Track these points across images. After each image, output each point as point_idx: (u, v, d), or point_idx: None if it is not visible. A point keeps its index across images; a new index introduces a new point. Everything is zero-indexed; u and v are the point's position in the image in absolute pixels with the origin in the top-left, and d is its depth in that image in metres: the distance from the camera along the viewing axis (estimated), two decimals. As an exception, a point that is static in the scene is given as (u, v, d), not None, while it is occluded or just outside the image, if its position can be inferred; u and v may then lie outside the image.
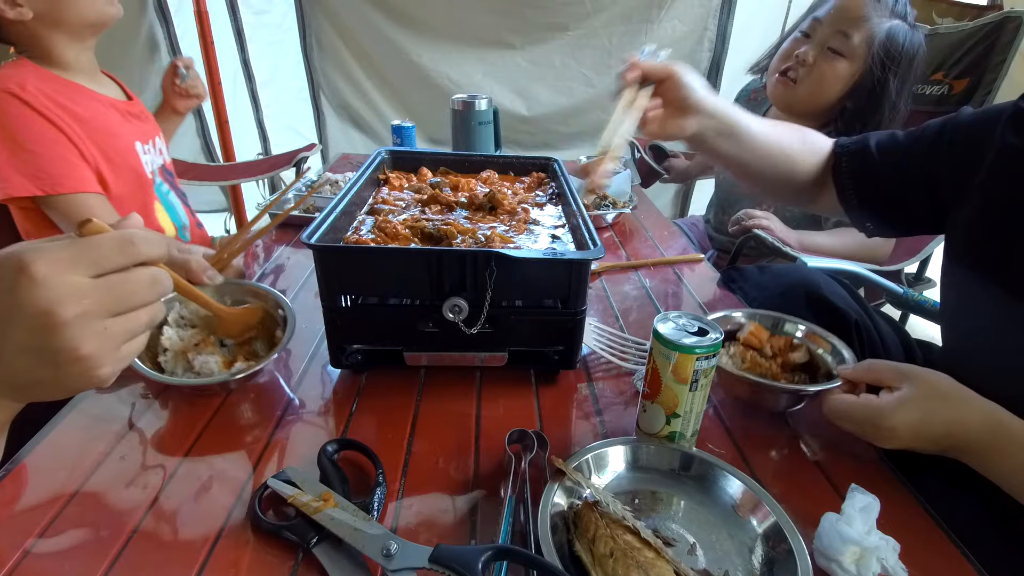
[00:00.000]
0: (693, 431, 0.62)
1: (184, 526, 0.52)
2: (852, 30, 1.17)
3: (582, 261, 0.68)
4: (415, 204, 0.92)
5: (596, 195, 0.71)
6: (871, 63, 1.17)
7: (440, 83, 2.53)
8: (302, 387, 0.73)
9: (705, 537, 0.53)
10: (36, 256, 0.36)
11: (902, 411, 0.57)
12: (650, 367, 0.60)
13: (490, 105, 1.54)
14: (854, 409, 0.60)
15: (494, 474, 0.60)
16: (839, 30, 1.18)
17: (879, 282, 1.14)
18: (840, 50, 1.19)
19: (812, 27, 1.23)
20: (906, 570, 0.49)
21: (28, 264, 0.36)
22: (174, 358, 0.70)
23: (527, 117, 2.61)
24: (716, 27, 2.46)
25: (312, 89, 2.65)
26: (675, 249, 1.23)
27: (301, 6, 2.48)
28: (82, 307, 0.37)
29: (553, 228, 0.86)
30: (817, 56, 1.21)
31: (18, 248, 0.37)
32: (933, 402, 0.57)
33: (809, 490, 0.61)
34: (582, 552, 0.49)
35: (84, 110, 1.06)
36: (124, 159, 1.12)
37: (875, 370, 0.62)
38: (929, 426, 0.57)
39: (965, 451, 0.57)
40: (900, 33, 1.16)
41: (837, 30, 1.18)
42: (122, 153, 1.11)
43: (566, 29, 2.47)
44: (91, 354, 0.38)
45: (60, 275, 0.36)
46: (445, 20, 2.46)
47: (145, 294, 0.41)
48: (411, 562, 0.46)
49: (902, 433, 0.57)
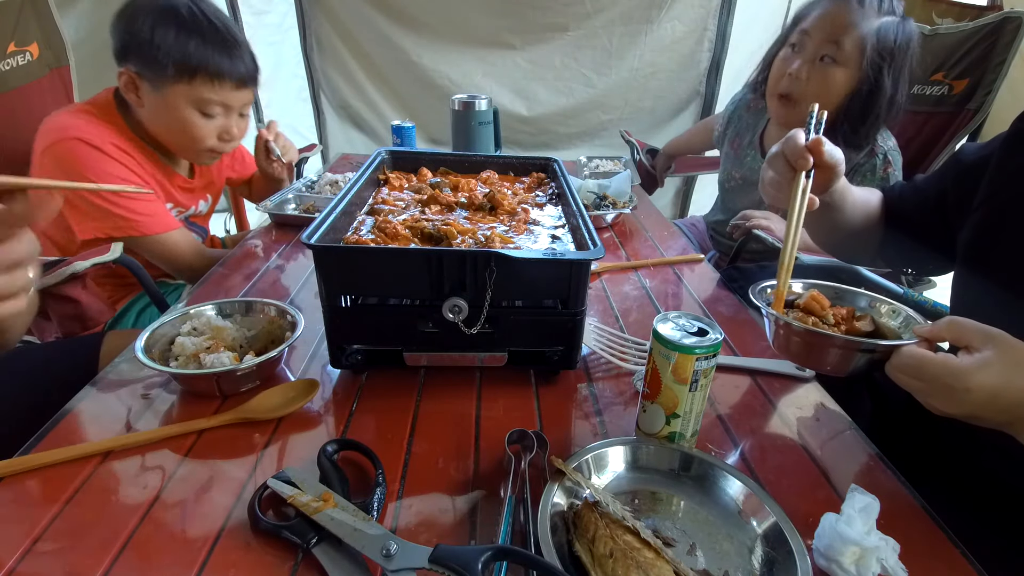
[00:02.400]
0: (693, 431, 0.62)
1: (184, 526, 0.52)
2: (843, 37, 1.15)
3: (582, 261, 0.68)
4: (415, 204, 0.92)
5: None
6: (867, 66, 1.15)
7: (440, 83, 2.53)
8: (302, 387, 0.73)
9: (705, 537, 0.53)
10: None
11: (982, 374, 0.52)
12: (650, 367, 0.60)
13: (490, 105, 1.55)
14: (930, 365, 0.55)
15: (494, 474, 0.60)
16: (829, 39, 1.16)
17: (879, 282, 1.14)
18: (834, 58, 1.17)
19: (800, 40, 1.21)
20: (906, 570, 0.48)
21: None
22: (185, 361, 0.70)
23: (527, 117, 2.61)
24: (716, 27, 2.46)
25: (312, 89, 2.66)
26: (675, 249, 1.23)
27: (301, 6, 2.48)
28: None
29: (553, 228, 0.86)
30: (811, 70, 1.19)
31: None
32: (1016, 369, 0.53)
33: (809, 490, 0.60)
34: (582, 552, 0.49)
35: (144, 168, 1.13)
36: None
37: (957, 328, 0.57)
38: (1005, 393, 0.53)
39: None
40: (890, 30, 1.15)
41: (827, 39, 1.16)
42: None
43: (566, 29, 2.47)
44: None
45: None
46: (445, 20, 2.47)
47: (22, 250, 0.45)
48: (411, 562, 0.46)
49: (976, 397, 0.53)
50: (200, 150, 1.14)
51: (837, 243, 0.97)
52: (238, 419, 0.65)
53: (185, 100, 1.07)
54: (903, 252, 0.91)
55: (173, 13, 1.02)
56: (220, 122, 1.12)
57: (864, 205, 0.88)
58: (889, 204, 0.90)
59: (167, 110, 1.08)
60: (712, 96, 2.57)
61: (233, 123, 1.14)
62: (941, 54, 1.49)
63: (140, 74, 1.05)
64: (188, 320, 0.76)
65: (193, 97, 1.06)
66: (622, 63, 2.51)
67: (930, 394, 0.56)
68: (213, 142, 1.13)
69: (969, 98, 1.45)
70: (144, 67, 1.04)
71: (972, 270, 0.76)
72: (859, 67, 1.16)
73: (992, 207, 0.74)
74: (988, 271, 0.73)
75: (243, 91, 1.12)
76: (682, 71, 2.54)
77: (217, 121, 1.11)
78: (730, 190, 1.53)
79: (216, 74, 1.05)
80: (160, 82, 1.05)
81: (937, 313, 0.92)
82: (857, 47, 1.15)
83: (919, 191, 0.88)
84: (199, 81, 1.05)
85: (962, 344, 0.56)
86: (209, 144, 1.13)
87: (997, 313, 0.57)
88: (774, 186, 0.75)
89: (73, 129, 1.03)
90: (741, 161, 1.47)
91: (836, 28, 1.15)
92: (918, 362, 0.56)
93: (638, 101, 2.59)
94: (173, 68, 1.03)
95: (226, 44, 1.06)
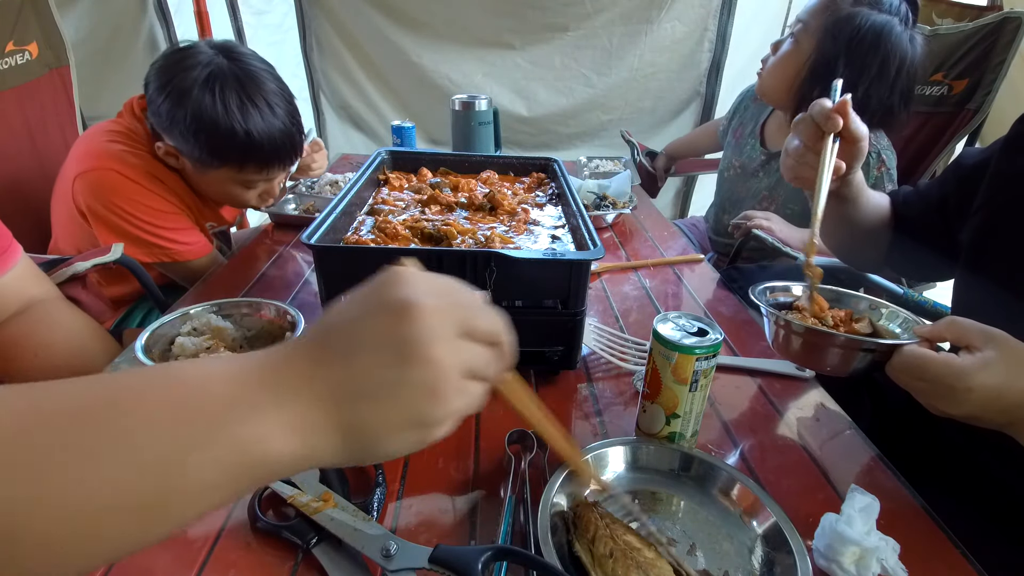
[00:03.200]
0: (693, 431, 0.62)
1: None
2: (814, 16, 1.16)
3: (582, 261, 0.68)
4: (415, 204, 0.92)
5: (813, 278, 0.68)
6: (823, 43, 1.14)
7: (440, 83, 2.53)
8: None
9: (705, 537, 0.53)
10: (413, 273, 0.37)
11: (984, 373, 0.52)
12: (650, 367, 0.60)
13: (490, 105, 1.54)
14: (931, 364, 0.54)
15: (494, 474, 0.60)
16: (802, 19, 1.19)
17: (879, 282, 1.14)
18: (797, 36, 1.18)
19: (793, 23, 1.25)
20: (906, 570, 0.48)
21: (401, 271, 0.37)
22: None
23: (527, 117, 2.61)
24: (716, 27, 2.46)
25: (312, 89, 2.65)
26: (675, 249, 1.23)
27: (301, 6, 2.48)
28: (439, 311, 0.35)
29: (553, 228, 0.86)
30: (779, 44, 1.22)
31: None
32: (1017, 370, 0.53)
33: (809, 490, 0.60)
34: (582, 552, 0.48)
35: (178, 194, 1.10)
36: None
37: (958, 327, 0.56)
38: (1006, 394, 0.53)
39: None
40: (863, 18, 1.12)
41: (801, 19, 1.19)
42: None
43: (566, 29, 2.46)
44: (439, 360, 0.34)
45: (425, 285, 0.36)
46: (445, 21, 2.46)
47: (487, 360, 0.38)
48: (411, 562, 0.46)
49: (978, 396, 0.52)
50: (242, 208, 1.16)
51: (848, 245, 0.96)
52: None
53: (231, 181, 1.05)
54: (908, 257, 0.92)
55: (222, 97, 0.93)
56: (263, 187, 1.11)
57: (876, 207, 0.88)
58: (894, 209, 0.91)
59: (209, 182, 1.07)
60: (712, 96, 2.57)
61: (275, 185, 1.12)
62: (941, 54, 1.49)
63: (181, 151, 1.01)
64: (188, 320, 0.76)
65: (240, 180, 1.05)
66: (622, 63, 2.51)
67: (931, 394, 0.55)
68: (255, 202, 1.13)
69: (969, 98, 1.46)
70: (187, 150, 1.00)
71: (973, 272, 0.76)
72: (814, 43, 1.15)
73: (992, 209, 0.74)
74: (988, 273, 0.73)
75: (288, 167, 1.10)
76: (682, 71, 2.54)
77: (260, 188, 1.10)
78: (728, 179, 1.54)
79: (265, 164, 1.03)
80: (205, 167, 1.02)
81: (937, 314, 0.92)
82: (821, 26, 1.14)
83: (922, 196, 0.88)
84: (247, 169, 1.03)
85: (963, 344, 0.55)
86: (250, 205, 1.14)
87: (997, 314, 0.57)
88: (796, 155, 0.74)
89: (108, 159, 1.01)
90: (741, 149, 1.48)
91: (812, 10, 1.17)
92: (920, 362, 0.55)
93: (638, 101, 2.59)
94: (218, 161, 1.00)
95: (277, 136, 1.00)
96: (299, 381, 0.33)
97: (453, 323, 0.35)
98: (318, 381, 0.33)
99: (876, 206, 0.88)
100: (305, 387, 0.33)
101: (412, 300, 0.34)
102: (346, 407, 0.33)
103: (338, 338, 0.35)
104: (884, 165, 1.22)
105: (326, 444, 0.33)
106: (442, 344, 0.34)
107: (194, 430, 0.30)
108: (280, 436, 0.31)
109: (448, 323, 0.35)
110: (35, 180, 1.23)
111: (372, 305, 0.35)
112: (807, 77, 1.17)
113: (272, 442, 0.31)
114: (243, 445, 0.31)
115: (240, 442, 0.30)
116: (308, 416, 0.32)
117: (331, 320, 0.36)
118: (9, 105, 1.24)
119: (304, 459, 0.33)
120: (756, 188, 1.42)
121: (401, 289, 0.35)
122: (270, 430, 0.31)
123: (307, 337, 0.36)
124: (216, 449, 0.30)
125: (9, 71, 1.24)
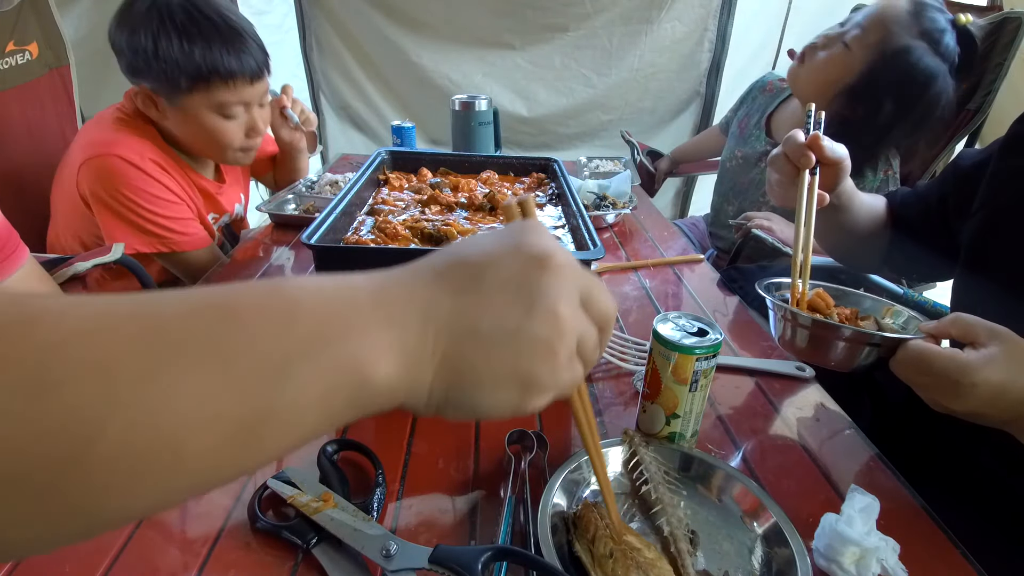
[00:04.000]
0: (693, 431, 0.62)
1: (183, 526, 0.52)
2: (872, 30, 1.15)
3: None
4: (415, 204, 0.92)
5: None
6: (874, 65, 1.14)
7: (440, 83, 2.53)
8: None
9: (705, 537, 0.53)
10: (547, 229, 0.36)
11: (988, 369, 0.52)
12: (650, 367, 0.60)
13: (490, 105, 1.55)
14: (936, 359, 0.54)
15: (494, 474, 0.60)
16: (862, 26, 1.16)
17: (879, 282, 1.14)
18: (850, 44, 1.17)
19: (848, 18, 1.22)
20: (906, 570, 0.48)
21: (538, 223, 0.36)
22: None
23: (527, 117, 2.61)
24: (716, 28, 2.46)
25: (312, 90, 2.65)
26: (675, 249, 1.23)
27: (301, 7, 2.48)
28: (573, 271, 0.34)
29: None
30: (830, 42, 1.19)
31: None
32: (1021, 366, 0.53)
33: (809, 490, 0.60)
34: (582, 553, 0.48)
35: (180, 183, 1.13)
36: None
37: (963, 323, 0.57)
38: (1010, 390, 0.53)
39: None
40: (920, 56, 1.11)
41: (860, 26, 1.17)
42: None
43: (566, 29, 2.47)
44: (564, 319, 0.32)
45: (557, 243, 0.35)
46: (445, 21, 2.46)
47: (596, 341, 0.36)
48: (411, 563, 0.46)
49: (981, 392, 0.52)
50: (231, 152, 1.14)
51: (844, 248, 0.97)
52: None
53: (205, 107, 1.06)
54: (908, 258, 0.92)
55: (171, 20, 0.99)
56: (243, 120, 1.12)
57: (871, 210, 0.88)
58: (892, 211, 0.91)
59: (189, 121, 1.08)
60: (712, 96, 2.57)
61: (256, 116, 1.14)
62: None
63: (155, 90, 1.04)
64: None
65: (212, 103, 1.06)
66: (622, 63, 2.51)
67: (935, 389, 0.55)
68: (242, 141, 1.14)
69: (969, 98, 1.45)
70: (157, 84, 1.03)
71: (972, 272, 0.76)
72: (866, 62, 1.14)
73: (991, 210, 0.74)
74: (987, 273, 0.73)
75: (259, 83, 1.11)
76: (682, 71, 2.54)
77: (240, 120, 1.11)
78: (731, 169, 1.54)
79: (229, 75, 1.04)
80: (176, 95, 1.04)
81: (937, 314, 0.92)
82: (878, 45, 1.13)
83: (921, 197, 0.88)
84: (214, 86, 1.04)
85: (967, 340, 0.56)
86: (238, 144, 1.13)
87: (996, 314, 0.57)
88: (780, 187, 0.76)
89: (114, 146, 1.03)
90: (746, 140, 1.49)
91: (875, 21, 1.15)
92: (924, 356, 0.55)
93: (638, 101, 2.59)
94: (186, 80, 1.01)
95: (232, 40, 1.04)
96: (414, 304, 0.31)
97: (579, 287, 0.34)
98: (434, 308, 0.31)
99: (870, 209, 0.88)
100: (418, 312, 0.30)
101: (549, 250, 0.33)
102: (456, 343, 0.31)
103: (465, 269, 0.33)
104: (891, 168, 1.22)
105: (426, 379, 0.31)
106: (568, 303, 0.33)
107: (298, 341, 0.27)
108: (384, 358, 0.29)
109: (575, 284, 0.34)
110: (35, 180, 1.23)
111: (508, 246, 0.34)
112: (846, 90, 1.17)
113: (375, 364, 0.29)
114: (346, 361, 0.28)
115: (344, 357, 0.28)
116: (415, 343, 0.30)
117: (459, 250, 0.34)
118: (9, 105, 1.24)
119: (402, 391, 0.30)
120: (759, 178, 1.42)
121: (541, 238, 0.34)
122: (375, 350, 0.29)
123: (429, 262, 0.33)
124: (320, 362, 0.27)
125: (9, 71, 1.24)
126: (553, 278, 0.32)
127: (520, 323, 0.31)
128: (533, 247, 0.33)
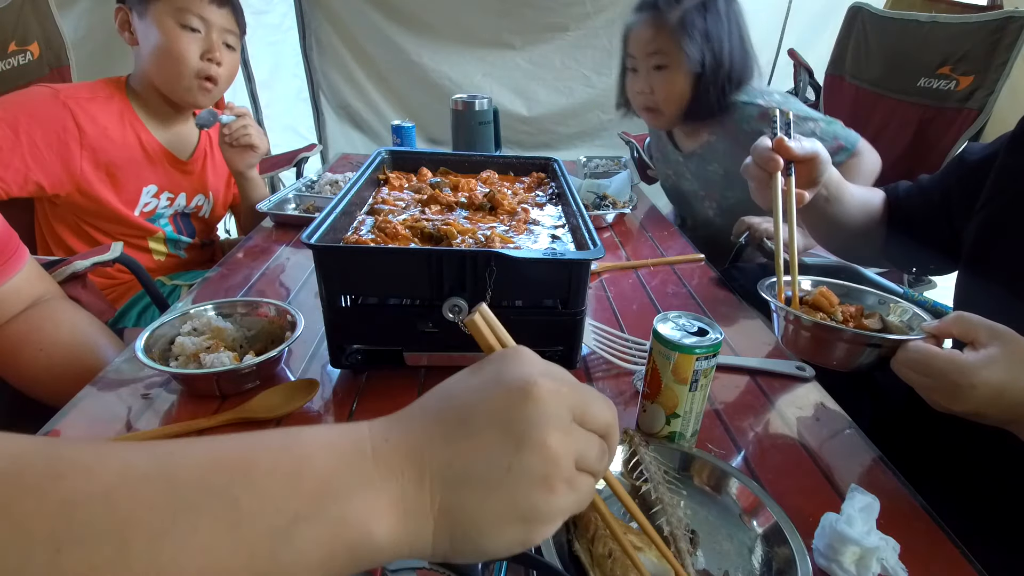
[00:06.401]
0: (693, 431, 0.62)
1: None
2: (659, 47, 1.22)
3: (582, 261, 0.68)
4: (415, 204, 0.92)
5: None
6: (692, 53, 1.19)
7: (440, 83, 2.53)
8: (302, 387, 0.73)
9: (705, 537, 0.53)
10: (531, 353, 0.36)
11: (989, 370, 0.52)
12: (650, 367, 0.60)
13: (490, 105, 1.55)
14: (936, 359, 0.54)
15: (494, 474, 0.60)
16: (648, 53, 1.24)
17: (879, 281, 1.14)
18: (662, 64, 1.24)
19: (632, 62, 1.31)
20: (906, 570, 0.48)
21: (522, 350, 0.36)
22: (185, 361, 0.70)
23: (527, 117, 2.61)
24: (716, 27, 2.45)
25: (312, 89, 2.65)
26: (675, 249, 1.23)
27: (301, 6, 2.48)
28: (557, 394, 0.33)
29: (553, 228, 0.86)
30: (652, 80, 1.26)
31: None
32: (1021, 366, 0.52)
33: (809, 490, 0.60)
34: (581, 552, 0.48)
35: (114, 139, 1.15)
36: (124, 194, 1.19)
37: (964, 323, 0.56)
38: (1010, 390, 0.52)
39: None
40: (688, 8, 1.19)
41: (647, 54, 1.24)
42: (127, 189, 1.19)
43: (566, 29, 2.47)
44: (554, 447, 0.32)
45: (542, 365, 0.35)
46: (445, 20, 2.47)
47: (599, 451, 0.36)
48: (411, 562, 0.46)
49: (982, 393, 0.52)
50: (188, 75, 1.15)
51: (839, 241, 0.97)
52: (238, 419, 0.65)
53: (166, 13, 1.11)
54: (908, 251, 0.91)
55: None
56: (202, 40, 1.14)
57: (864, 202, 0.88)
58: (893, 203, 0.90)
59: (152, 34, 1.12)
60: (712, 96, 2.57)
61: (216, 44, 1.16)
62: (946, 46, 1.48)
63: (130, 7, 1.12)
64: (188, 320, 0.76)
65: (173, 8, 1.10)
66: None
67: (935, 390, 0.55)
68: (197, 63, 1.15)
69: (970, 97, 1.45)
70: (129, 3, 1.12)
71: (975, 269, 0.76)
72: (686, 59, 1.20)
73: (996, 207, 0.74)
74: (991, 270, 0.73)
75: (223, 9, 1.15)
76: (682, 71, 2.54)
77: (199, 37, 1.14)
78: (670, 188, 1.60)
79: None
80: (144, 6, 1.10)
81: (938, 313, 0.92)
82: (675, 46, 1.20)
83: (924, 191, 0.88)
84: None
85: (968, 340, 0.56)
86: (195, 66, 1.15)
87: (1000, 312, 0.57)
88: (760, 192, 0.77)
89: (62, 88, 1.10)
90: (667, 159, 1.53)
91: (648, 42, 1.23)
92: (925, 357, 0.56)
93: (638, 101, 2.59)
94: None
95: None
96: (412, 456, 0.31)
97: (569, 406, 0.34)
98: (429, 457, 0.31)
99: (864, 201, 0.88)
100: (412, 466, 0.31)
101: (531, 379, 0.33)
102: (452, 492, 0.31)
103: (453, 412, 0.33)
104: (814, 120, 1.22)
105: (427, 531, 0.31)
106: (557, 429, 0.32)
107: (304, 500, 0.28)
108: (382, 516, 0.30)
109: (564, 406, 0.33)
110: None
111: (490, 381, 0.34)
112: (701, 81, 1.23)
113: (374, 522, 0.29)
114: (346, 522, 0.29)
115: (343, 518, 0.29)
116: (415, 496, 0.30)
117: (447, 391, 0.35)
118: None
119: (404, 545, 0.30)
120: (691, 189, 1.46)
121: (523, 366, 0.34)
122: (373, 508, 0.29)
123: (423, 405, 0.34)
124: (324, 521, 0.28)
125: (11, 71, 1.24)
126: (539, 407, 0.32)
127: (511, 461, 0.31)
128: (515, 379, 0.33)
